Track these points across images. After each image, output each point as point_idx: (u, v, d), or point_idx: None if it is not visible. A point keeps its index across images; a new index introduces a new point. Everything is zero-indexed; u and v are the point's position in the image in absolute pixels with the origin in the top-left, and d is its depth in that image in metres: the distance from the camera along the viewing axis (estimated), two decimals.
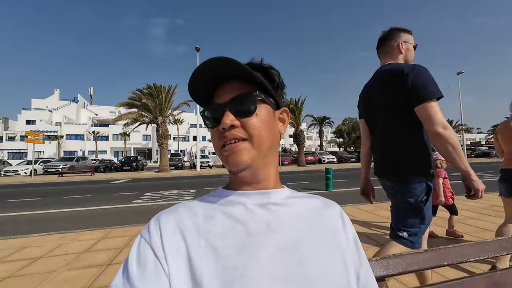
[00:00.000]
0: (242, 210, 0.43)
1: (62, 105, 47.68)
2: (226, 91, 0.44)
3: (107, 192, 8.37)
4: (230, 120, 0.42)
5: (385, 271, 0.69)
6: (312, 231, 0.43)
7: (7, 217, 5.02)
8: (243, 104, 0.43)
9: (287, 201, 0.46)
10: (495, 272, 0.77)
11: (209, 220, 0.41)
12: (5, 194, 8.57)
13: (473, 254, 0.77)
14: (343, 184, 8.73)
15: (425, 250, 0.76)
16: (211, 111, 0.45)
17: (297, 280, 0.37)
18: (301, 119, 22.10)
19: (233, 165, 0.43)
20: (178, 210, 0.43)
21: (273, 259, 0.38)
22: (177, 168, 21.84)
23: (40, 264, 2.48)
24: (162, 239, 0.38)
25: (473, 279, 0.74)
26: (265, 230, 0.40)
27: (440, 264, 0.75)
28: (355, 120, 51.12)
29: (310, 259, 0.39)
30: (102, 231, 3.51)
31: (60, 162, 19.24)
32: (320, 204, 0.48)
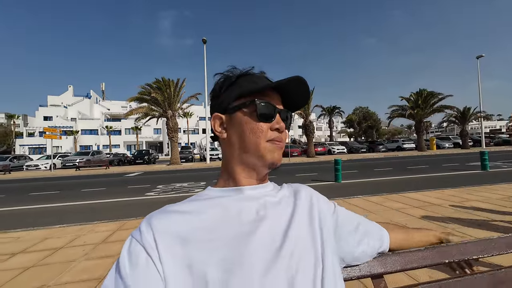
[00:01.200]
0: (233, 204, 0.47)
1: (76, 101, 49.18)
2: (276, 99, 0.52)
3: (121, 185, 8.69)
4: (284, 125, 0.51)
5: (383, 268, 0.69)
6: (292, 213, 0.49)
7: (30, 210, 5.34)
8: (289, 119, 0.54)
9: (272, 192, 0.53)
10: (500, 270, 0.75)
11: (201, 215, 0.43)
12: (28, 188, 9.08)
13: (476, 252, 0.75)
14: (352, 175, 8.64)
15: (426, 248, 0.75)
16: (269, 107, 0.50)
17: (284, 256, 0.42)
18: (310, 109, 21.75)
19: (276, 159, 0.50)
20: (168, 210, 0.45)
21: (264, 242, 0.42)
22: (187, 160, 22.25)
23: (60, 254, 2.64)
24: (155, 239, 0.39)
25: (475, 277, 0.73)
26: (254, 218, 0.45)
27: (440, 262, 0.74)
28: (366, 109, 49.79)
29: (293, 234, 0.45)
30: (117, 223, 3.68)
31: (76, 156, 20.05)
32: (294, 189, 0.56)
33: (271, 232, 0.44)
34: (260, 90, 0.50)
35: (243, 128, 0.49)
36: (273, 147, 0.49)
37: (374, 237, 0.63)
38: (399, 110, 25.48)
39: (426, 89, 23.96)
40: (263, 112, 0.49)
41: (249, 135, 0.49)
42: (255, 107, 0.48)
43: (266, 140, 0.49)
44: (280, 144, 0.51)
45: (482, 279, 0.73)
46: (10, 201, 6.46)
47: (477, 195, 4.54)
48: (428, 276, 1.87)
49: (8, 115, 43.75)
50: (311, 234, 0.48)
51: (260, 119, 0.49)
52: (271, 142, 0.49)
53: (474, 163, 10.49)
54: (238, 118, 0.50)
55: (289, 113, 0.54)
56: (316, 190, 0.59)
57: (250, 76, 0.53)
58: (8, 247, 2.88)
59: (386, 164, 12.67)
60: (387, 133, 63.54)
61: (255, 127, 0.48)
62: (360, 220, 0.62)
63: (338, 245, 0.55)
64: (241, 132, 0.49)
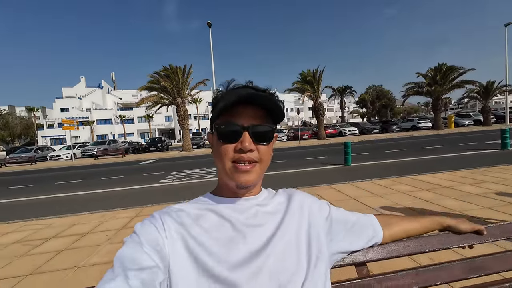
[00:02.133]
0: (229, 211, 0.53)
1: (89, 92, 50.38)
2: (250, 115, 0.51)
3: (137, 173, 9.13)
4: (249, 144, 0.50)
5: (365, 257, 0.76)
6: (282, 219, 0.55)
7: (56, 198, 5.80)
8: (263, 134, 0.52)
9: (264, 201, 0.58)
10: (477, 258, 0.80)
11: (200, 218, 0.52)
12: (54, 177, 9.74)
13: (456, 241, 0.80)
14: (363, 158, 8.56)
15: (408, 238, 0.81)
16: (230, 128, 0.51)
17: (268, 257, 0.48)
18: (319, 91, 21.17)
19: (242, 182, 0.51)
20: (173, 208, 0.53)
21: (251, 246, 0.49)
22: (199, 146, 22.73)
23: (87, 239, 2.93)
24: (163, 222, 0.49)
25: (453, 264, 0.79)
26: (249, 225, 0.52)
27: (421, 251, 0.80)
28: (380, 87, 47.70)
29: (279, 239, 0.51)
30: (135, 210, 3.96)
31: (94, 146, 20.97)
32: (287, 196, 0.61)
33: (259, 237, 0.51)
34: (223, 112, 0.51)
35: (215, 149, 0.55)
36: (240, 171, 0.51)
37: (367, 235, 0.69)
38: (415, 88, 24.26)
39: (446, 63, 22.49)
40: (223, 135, 0.51)
41: (217, 156, 0.53)
42: (217, 130, 0.52)
43: (230, 161, 0.51)
44: (243, 167, 0.50)
45: (458, 265, 0.78)
46: (38, 190, 7.01)
47: (492, 176, 4.43)
48: (429, 258, 1.94)
49: (28, 108, 45.76)
50: (296, 236, 0.53)
51: (222, 141, 0.52)
52: (235, 164, 0.51)
53: (494, 141, 10.04)
54: (214, 139, 0.55)
55: (267, 126, 0.53)
56: (318, 198, 0.66)
57: (230, 92, 0.54)
58: (42, 233, 3.21)
59: (399, 145, 12.37)
60: (402, 111, 61.10)
61: (220, 148, 0.52)
62: (355, 219, 0.67)
63: (333, 244, 0.61)
64: (215, 153, 0.55)
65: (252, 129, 0.51)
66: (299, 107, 20.58)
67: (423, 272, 0.77)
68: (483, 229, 0.78)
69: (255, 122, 0.51)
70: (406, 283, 0.75)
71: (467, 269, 0.78)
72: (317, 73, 20.63)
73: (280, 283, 0.47)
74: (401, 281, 0.75)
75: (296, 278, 0.48)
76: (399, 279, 0.75)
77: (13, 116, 45.48)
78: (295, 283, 0.48)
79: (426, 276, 0.76)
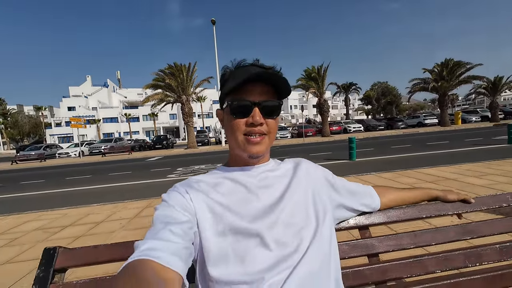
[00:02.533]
0: (242, 176, 0.62)
1: (94, 91, 51.06)
2: (258, 91, 0.57)
3: (144, 169, 9.32)
4: (260, 118, 0.56)
5: (368, 221, 0.85)
6: (289, 181, 0.63)
7: (69, 192, 6.00)
8: (272, 108, 0.58)
9: (273, 167, 0.67)
10: (470, 223, 0.89)
11: (217, 186, 0.60)
12: (64, 173, 10.01)
13: (451, 209, 0.89)
14: (368, 153, 8.58)
15: (407, 206, 0.89)
16: (242, 104, 0.57)
17: (280, 211, 0.57)
18: (324, 87, 21.08)
19: (254, 153, 0.58)
20: (192, 180, 0.62)
21: (264, 203, 0.58)
22: (203, 144, 22.92)
23: (102, 226, 3.07)
24: (187, 190, 0.57)
25: (448, 228, 0.87)
26: (260, 187, 0.60)
27: (419, 217, 0.89)
28: (386, 84, 47.17)
29: (288, 196, 0.59)
30: (145, 201, 4.10)
31: (101, 143, 21.34)
32: (294, 163, 0.70)
33: (270, 196, 0.59)
34: (234, 89, 0.56)
35: (227, 123, 0.61)
36: (252, 143, 0.57)
37: (366, 199, 0.78)
38: (421, 84, 23.97)
39: (453, 59, 22.15)
40: (235, 110, 0.57)
41: (230, 130, 0.60)
42: (230, 106, 0.58)
43: (242, 134, 0.58)
44: (254, 139, 0.57)
45: (453, 229, 0.87)
46: (51, 185, 7.24)
47: (496, 169, 4.44)
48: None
49: (36, 107, 46.69)
50: (304, 196, 0.61)
51: (235, 116, 0.58)
52: (246, 136, 0.58)
53: (501, 137, 9.94)
54: (225, 114, 0.61)
55: (275, 101, 0.59)
56: (322, 166, 0.73)
57: (239, 70, 0.60)
58: (59, 221, 3.38)
59: (405, 141, 12.32)
60: (408, 108, 60.32)
61: (232, 123, 0.58)
62: (355, 186, 0.77)
63: (334, 207, 0.70)
64: (227, 127, 0.61)
65: (261, 104, 0.57)
66: (303, 104, 20.49)
67: (420, 234, 0.85)
68: (469, 198, 0.87)
69: (264, 98, 0.57)
70: (405, 242, 0.84)
71: (461, 233, 0.87)
72: (322, 70, 20.53)
73: (294, 231, 0.56)
74: (400, 241, 0.84)
75: (307, 229, 0.57)
76: (399, 239, 0.84)
77: (22, 115, 46.44)
78: (308, 231, 0.57)
79: (424, 237, 0.85)
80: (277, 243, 0.53)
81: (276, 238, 0.54)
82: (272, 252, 0.52)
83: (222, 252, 0.51)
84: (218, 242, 0.52)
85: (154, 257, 0.41)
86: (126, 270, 0.40)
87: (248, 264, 0.51)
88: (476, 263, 0.83)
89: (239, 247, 0.52)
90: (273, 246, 0.53)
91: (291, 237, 0.55)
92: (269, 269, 0.50)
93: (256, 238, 0.53)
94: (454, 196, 0.87)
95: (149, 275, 0.38)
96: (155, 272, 0.39)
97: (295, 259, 0.52)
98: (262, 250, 0.52)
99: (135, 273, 0.39)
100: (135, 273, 0.39)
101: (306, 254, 0.53)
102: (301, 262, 0.52)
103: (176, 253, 0.44)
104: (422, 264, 0.81)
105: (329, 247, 0.58)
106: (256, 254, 0.52)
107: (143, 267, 0.40)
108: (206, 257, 0.51)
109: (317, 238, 0.56)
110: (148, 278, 0.38)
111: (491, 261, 0.84)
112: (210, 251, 0.51)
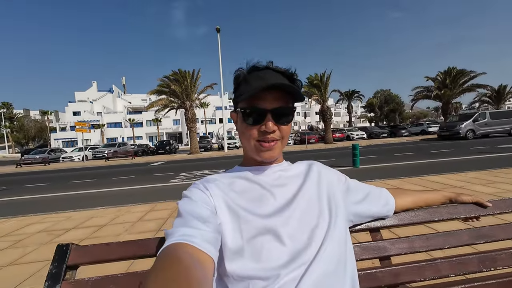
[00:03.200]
0: (256, 176, 0.63)
1: (100, 96, 51.86)
2: (272, 99, 0.57)
3: (147, 173, 9.34)
4: (272, 125, 0.57)
5: (379, 223, 0.85)
6: (303, 181, 0.64)
7: (73, 195, 6.03)
8: (284, 115, 0.59)
9: (286, 168, 0.68)
10: (484, 227, 0.87)
11: (232, 184, 0.61)
12: (68, 177, 10.06)
13: (463, 212, 0.88)
14: (371, 161, 8.53)
15: (418, 209, 0.88)
16: (255, 111, 0.57)
17: (294, 209, 0.57)
18: (327, 95, 21.20)
19: (266, 158, 0.60)
20: (209, 179, 0.63)
21: (279, 201, 0.59)
22: (206, 150, 22.99)
23: (106, 230, 3.06)
24: (206, 187, 0.58)
25: (461, 231, 0.86)
26: (274, 185, 0.62)
27: (431, 220, 0.88)
28: (388, 91, 47.23)
29: (302, 195, 0.60)
30: (149, 205, 4.09)
31: (105, 148, 21.53)
32: (307, 165, 0.71)
33: (284, 194, 0.60)
34: (248, 97, 0.57)
35: (240, 128, 0.62)
36: (264, 149, 0.59)
37: (381, 202, 0.77)
38: (424, 92, 23.99)
39: (456, 67, 22.21)
40: (249, 117, 0.58)
41: (243, 134, 0.61)
42: (243, 113, 0.59)
43: (255, 140, 0.59)
44: (267, 145, 0.58)
45: (467, 232, 0.85)
46: (55, 188, 7.28)
47: (504, 177, 4.38)
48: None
49: (42, 112, 47.43)
50: (317, 196, 0.62)
51: (248, 123, 0.58)
52: (259, 143, 0.59)
53: (506, 145, 9.83)
54: (239, 119, 0.62)
55: (287, 108, 0.59)
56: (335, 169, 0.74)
57: (253, 74, 0.60)
58: (62, 224, 3.38)
59: (408, 148, 12.23)
60: (411, 116, 60.16)
61: (246, 129, 0.60)
62: (369, 189, 0.76)
63: (348, 208, 0.69)
64: (240, 132, 0.62)
65: (274, 111, 0.57)
66: (306, 111, 20.57)
67: (433, 237, 0.84)
68: (483, 201, 0.86)
69: (277, 105, 0.57)
70: (417, 245, 0.83)
71: (474, 236, 0.85)
72: (324, 77, 20.69)
73: (307, 228, 0.56)
74: (412, 243, 0.83)
75: (320, 228, 0.57)
76: (411, 242, 0.83)
77: (28, 119, 47.13)
78: (321, 230, 0.56)
79: (436, 240, 0.84)
80: (291, 238, 0.54)
81: (290, 233, 0.54)
82: (286, 247, 0.53)
83: (239, 247, 0.52)
84: (234, 237, 0.53)
85: (190, 242, 0.44)
86: (166, 251, 0.43)
87: (265, 260, 0.51)
88: (491, 268, 0.81)
89: (255, 243, 0.52)
90: (287, 241, 0.53)
91: (304, 233, 0.55)
92: (285, 266, 0.50)
93: (271, 234, 0.54)
94: (468, 198, 0.86)
95: (187, 256, 0.41)
96: (192, 254, 0.43)
97: (309, 256, 0.52)
98: (277, 245, 0.53)
99: (174, 253, 0.42)
100: (175, 253, 0.42)
101: (320, 252, 0.53)
102: (316, 260, 0.52)
103: (208, 240, 0.47)
104: (435, 268, 0.80)
105: (345, 247, 0.58)
106: (271, 249, 0.52)
107: (182, 249, 0.43)
108: (224, 252, 0.51)
109: (331, 237, 0.56)
110: (187, 258, 0.41)
111: (506, 266, 0.82)
112: (227, 246, 0.52)
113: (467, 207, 0.88)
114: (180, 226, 0.49)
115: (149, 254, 0.71)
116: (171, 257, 0.41)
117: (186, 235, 0.46)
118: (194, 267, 0.40)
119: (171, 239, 0.46)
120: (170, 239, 0.46)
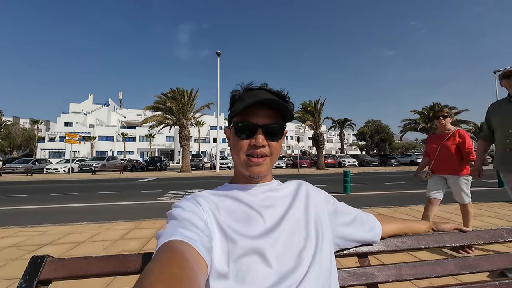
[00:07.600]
0: (245, 195, 0.63)
1: (95, 109, 51.60)
2: (263, 115, 0.59)
3: (135, 190, 9.03)
4: (262, 140, 0.59)
5: (367, 249, 0.84)
6: (291, 202, 0.64)
7: (52, 208, 5.71)
8: (275, 132, 0.61)
9: (275, 187, 0.67)
10: (469, 257, 0.88)
11: (221, 203, 0.61)
12: (49, 189, 9.60)
13: (449, 241, 0.89)
14: (362, 188, 8.57)
15: (405, 235, 0.89)
16: (247, 126, 0.59)
17: (281, 231, 0.57)
18: (320, 121, 21.81)
19: (255, 173, 0.60)
20: (198, 194, 0.63)
21: (266, 222, 0.58)
22: (198, 168, 22.64)
23: (83, 248, 2.88)
24: (198, 201, 0.58)
25: (448, 261, 0.86)
26: (263, 206, 0.61)
27: (417, 247, 0.88)
28: (379, 122, 49.06)
29: (289, 216, 0.60)
30: (132, 223, 3.91)
31: (93, 161, 20.92)
32: (295, 185, 0.71)
33: (273, 215, 0.60)
34: (241, 111, 0.59)
35: (232, 143, 0.64)
36: (252, 164, 0.60)
37: (367, 227, 0.77)
38: (412, 124, 25.05)
39: (439, 103, 23.54)
40: (240, 131, 0.60)
41: (234, 149, 0.63)
42: (235, 127, 0.61)
43: (245, 154, 0.60)
44: (256, 160, 0.59)
45: (453, 262, 0.86)
46: (33, 200, 6.90)
47: (490, 210, 4.45)
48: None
49: (32, 121, 46.41)
50: (305, 218, 0.61)
51: (239, 137, 0.60)
52: (249, 157, 0.60)
53: (491, 180, 10.12)
54: (232, 133, 0.63)
55: (278, 125, 0.61)
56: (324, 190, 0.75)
57: (247, 93, 0.62)
58: (36, 239, 3.16)
59: (398, 178, 12.42)
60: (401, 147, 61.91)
61: (237, 143, 0.61)
62: (356, 213, 0.76)
63: (335, 231, 0.69)
64: (232, 146, 0.64)
65: (265, 127, 0.59)
66: (299, 136, 20.92)
67: (420, 265, 0.84)
68: (460, 226, 0.89)
69: (268, 122, 0.59)
70: (404, 273, 0.82)
71: (460, 266, 0.85)
72: (318, 104, 21.46)
73: (294, 251, 0.55)
74: (399, 271, 0.82)
75: (306, 251, 0.56)
76: (398, 269, 0.82)
77: (16, 127, 45.89)
78: (307, 253, 0.56)
79: (424, 268, 0.83)
80: (278, 260, 0.53)
81: (276, 255, 0.53)
82: (273, 269, 0.51)
83: (224, 267, 0.50)
84: (222, 256, 0.52)
85: (192, 243, 0.44)
86: (170, 246, 0.42)
87: (249, 282, 0.49)
88: None
89: (241, 264, 0.51)
90: (273, 263, 0.52)
91: (291, 256, 0.54)
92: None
93: (258, 255, 0.53)
94: (450, 226, 0.89)
95: (191, 256, 0.41)
96: (193, 255, 0.42)
97: (296, 279, 0.51)
98: (263, 266, 0.52)
99: (180, 249, 0.41)
100: (181, 250, 0.41)
101: (306, 278, 0.52)
102: (302, 285, 0.50)
103: (206, 247, 0.46)
104: None
105: (329, 273, 0.57)
106: (257, 270, 0.51)
107: (186, 247, 0.42)
108: (209, 269, 0.50)
109: (317, 262, 0.55)
110: (191, 258, 0.40)
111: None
112: (213, 264, 0.50)
113: (453, 235, 0.90)
114: (178, 227, 0.47)
115: (131, 271, 0.67)
116: (176, 252, 0.40)
117: (187, 236, 0.44)
118: (197, 268, 0.39)
119: (172, 237, 0.44)
120: (170, 237, 0.44)
